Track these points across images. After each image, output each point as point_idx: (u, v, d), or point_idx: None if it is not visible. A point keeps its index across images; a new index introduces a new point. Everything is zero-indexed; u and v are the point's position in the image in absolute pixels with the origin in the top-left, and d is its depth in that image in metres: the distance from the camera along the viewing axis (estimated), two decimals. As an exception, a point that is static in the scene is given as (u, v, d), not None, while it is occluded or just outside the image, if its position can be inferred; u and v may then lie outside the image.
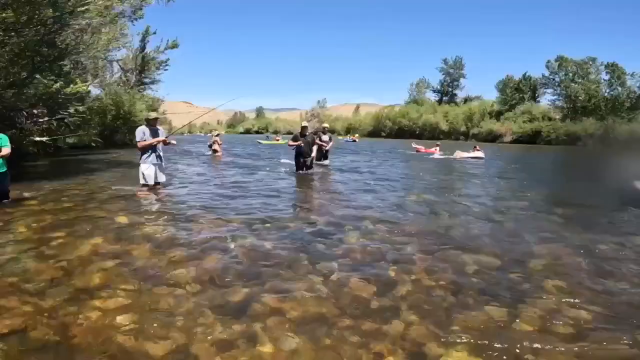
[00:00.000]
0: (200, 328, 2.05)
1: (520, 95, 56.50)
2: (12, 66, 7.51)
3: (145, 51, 27.24)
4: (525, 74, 58.31)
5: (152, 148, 6.00)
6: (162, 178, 6.37)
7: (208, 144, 17.26)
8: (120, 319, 2.12)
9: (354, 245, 3.55)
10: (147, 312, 2.21)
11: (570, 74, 51.64)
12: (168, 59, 28.29)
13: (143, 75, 27.87)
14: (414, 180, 9.03)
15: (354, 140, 44.93)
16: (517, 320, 2.23)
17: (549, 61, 54.12)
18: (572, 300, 2.50)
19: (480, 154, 16.43)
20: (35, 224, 4.09)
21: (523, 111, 52.52)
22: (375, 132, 70.92)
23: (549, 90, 55.52)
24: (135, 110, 22.87)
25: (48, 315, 2.15)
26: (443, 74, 76.20)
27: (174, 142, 6.71)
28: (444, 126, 61.17)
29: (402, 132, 63.62)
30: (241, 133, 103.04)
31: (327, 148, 10.69)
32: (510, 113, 54.03)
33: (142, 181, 6.09)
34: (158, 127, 6.23)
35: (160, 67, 28.46)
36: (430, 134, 60.11)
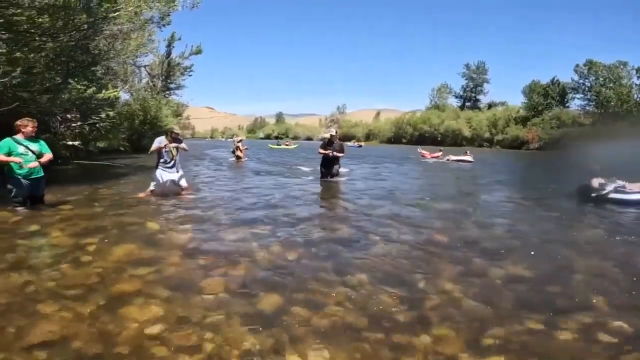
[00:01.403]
0: (230, 339, 2.05)
1: (548, 100, 54.67)
2: (48, 71, 7.68)
3: (170, 57, 27.89)
4: (553, 78, 56.52)
5: (168, 156, 6.17)
6: (184, 183, 6.46)
7: (231, 149, 17.30)
8: (154, 328, 2.12)
9: (381, 255, 3.50)
10: (180, 322, 2.21)
11: (601, 79, 49.87)
12: (192, 65, 28.91)
13: (169, 80, 28.55)
14: (433, 188, 8.91)
15: (359, 146, 44.85)
16: (556, 333, 2.16)
17: (577, 65, 52.47)
18: (613, 313, 2.41)
19: (469, 158, 18.89)
20: (69, 229, 4.15)
21: (551, 117, 50.76)
22: (395, 139, 70.09)
23: (578, 96, 53.65)
24: (161, 116, 23.40)
25: (87, 323, 2.16)
26: (465, 79, 74.83)
27: (185, 147, 6.77)
28: (466, 132, 59.86)
29: (424, 139, 62.53)
30: (261, 138, 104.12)
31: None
32: (537, 119, 52.32)
33: (150, 188, 6.25)
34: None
35: (185, 73, 29.08)
36: (452, 140, 58.93)
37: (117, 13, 8.29)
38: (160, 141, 6.21)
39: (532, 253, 3.72)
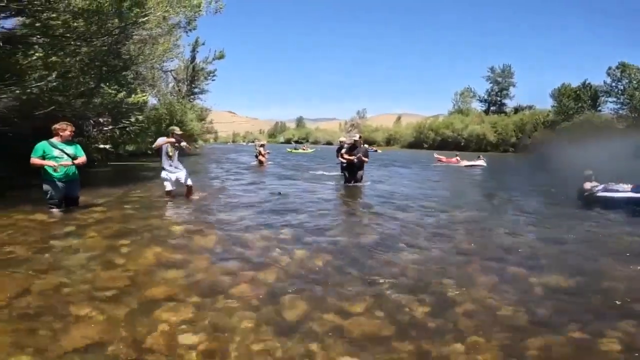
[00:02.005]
0: (259, 346, 2.04)
1: (580, 104, 52.52)
2: (83, 75, 7.91)
3: (195, 62, 28.49)
4: (585, 81, 54.30)
5: (169, 157, 6.30)
6: (189, 182, 6.57)
7: (254, 154, 17.39)
8: (185, 334, 2.12)
9: (408, 263, 3.44)
10: (209, 328, 2.20)
11: (634, 82, 47.76)
12: (215, 70, 29.43)
13: (193, 85, 29.17)
14: (455, 194, 8.70)
15: (375, 150, 44.61)
16: (600, 343, 2.09)
17: (610, 68, 50.25)
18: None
19: (482, 162, 19.24)
20: (103, 231, 4.23)
21: (583, 121, 48.69)
22: (416, 144, 69.00)
23: (611, 99, 51.29)
24: (186, 120, 23.89)
25: (120, 327, 2.15)
26: (490, 83, 72.96)
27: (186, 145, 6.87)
28: (491, 137, 58.19)
29: (446, 144, 61.20)
30: (281, 143, 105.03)
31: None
32: (568, 123, 50.30)
33: (164, 189, 6.42)
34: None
35: (208, 77, 29.65)
36: (476, 145, 57.43)
37: (146, 18, 8.47)
38: (163, 140, 6.31)
39: (569, 260, 3.62)
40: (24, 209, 5.11)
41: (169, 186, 6.35)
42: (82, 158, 5.12)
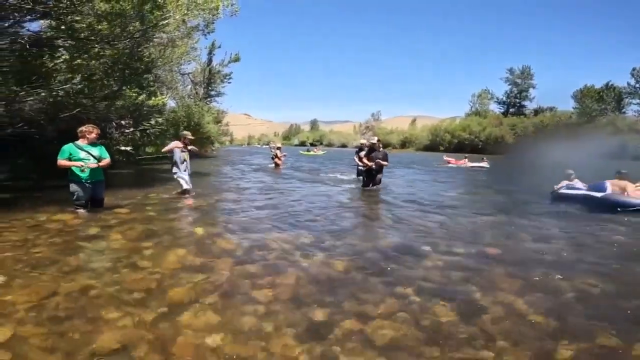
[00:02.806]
0: (282, 350, 2.04)
1: (603, 106, 50.86)
2: (107, 78, 8.05)
3: (211, 64, 28.81)
4: (608, 83, 52.58)
5: (180, 160, 6.65)
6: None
7: (271, 156, 17.41)
8: (209, 338, 2.12)
9: (432, 267, 3.39)
10: (233, 332, 2.21)
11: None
12: (231, 72, 29.68)
13: (209, 88, 29.48)
14: (473, 197, 8.53)
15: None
16: (634, 350, 2.04)
17: (634, 69, 48.49)
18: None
19: (485, 164, 20.10)
20: (127, 233, 4.28)
21: (606, 123, 47.13)
22: (432, 146, 67.97)
23: (635, 101, 49.49)
24: (203, 122, 24.11)
25: (147, 330, 2.16)
26: (509, 85, 71.34)
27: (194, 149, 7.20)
28: (510, 139, 56.83)
29: (463, 146, 60.00)
30: (296, 145, 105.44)
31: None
32: (590, 125, 48.75)
33: (182, 187, 6.67)
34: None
35: (224, 80, 29.93)
36: (494, 147, 56.13)
37: (166, 21, 8.57)
38: (175, 144, 6.67)
39: (598, 264, 3.51)
40: (50, 209, 5.23)
41: (185, 184, 6.61)
42: (106, 160, 5.23)
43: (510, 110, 69.88)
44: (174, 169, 6.69)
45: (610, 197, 6.46)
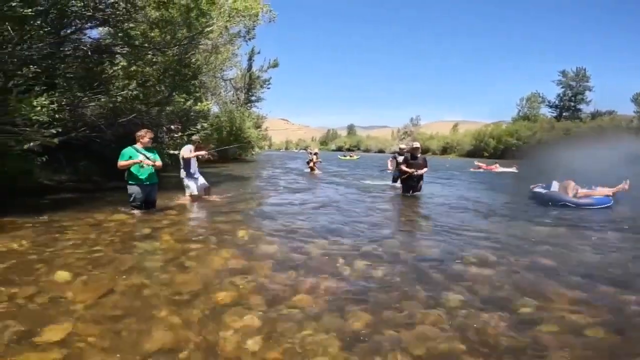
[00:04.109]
0: (321, 357, 2.03)
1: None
2: (159, 85, 8.49)
3: (251, 70, 29.63)
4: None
5: (194, 165, 6.88)
6: (206, 183, 7.13)
7: (307, 160, 17.47)
8: (251, 342, 2.13)
9: (477, 277, 3.26)
10: (274, 336, 2.21)
11: None
12: (270, 78, 30.36)
13: (250, 93, 30.31)
14: (518, 204, 7.97)
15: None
16: None
17: None
18: None
19: (514, 169, 20.88)
20: (176, 234, 4.46)
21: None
22: (475, 152, 65.01)
23: None
24: (244, 127, 24.77)
25: (193, 331, 2.22)
26: (562, 87, 66.69)
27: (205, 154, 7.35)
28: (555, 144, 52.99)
29: (510, 152, 56.82)
30: (333, 150, 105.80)
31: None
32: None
33: (190, 193, 6.75)
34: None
35: (264, 85, 30.66)
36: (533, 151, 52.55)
37: (210, 28, 8.88)
38: (190, 149, 6.81)
39: None
40: (109, 209, 5.61)
41: (195, 190, 6.78)
42: (159, 162, 5.53)
43: (564, 114, 65.23)
44: (183, 174, 6.79)
45: (547, 194, 7.64)
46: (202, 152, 6.99)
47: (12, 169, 6.07)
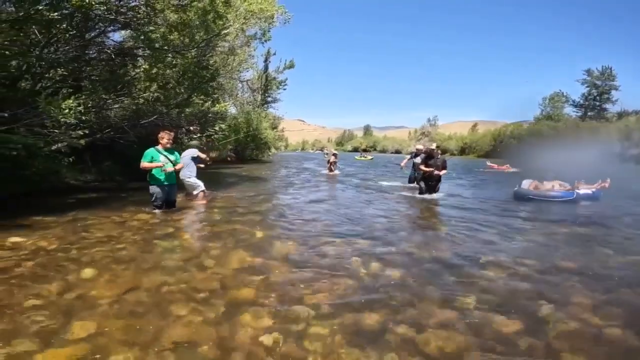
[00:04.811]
0: (335, 353, 2.06)
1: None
2: (178, 87, 8.67)
3: (267, 71, 29.86)
4: None
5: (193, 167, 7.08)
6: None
7: (326, 160, 17.45)
8: (266, 339, 2.18)
9: (494, 280, 3.23)
10: (289, 334, 2.23)
11: None
12: (286, 79, 30.52)
13: (266, 94, 30.57)
14: (537, 206, 7.75)
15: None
16: None
17: None
18: None
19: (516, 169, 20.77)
20: (195, 233, 4.59)
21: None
22: (495, 153, 63.45)
23: None
24: (261, 128, 24.98)
25: (211, 327, 2.28)
26: (587, 87, 64.32)
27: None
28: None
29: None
30: (349, 151, 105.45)
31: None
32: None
33: (201, 189, 6.95)
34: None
35: (280, 87, 30.86)
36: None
37: (227, 30, 8.99)
38: (197, 152, 7.11)
39: None
40: (131, 209, 5.80)
41: (202, 185, 6.98)
42: (179, 164, 5.70)
43: (589, 113, 62.95)
44: (189, 173, 6.93)
45: (516, 191, 8.66)
46: (204, 155, 7.34)
47: (41, 169, 6.32)
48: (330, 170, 15.60)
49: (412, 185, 10.18)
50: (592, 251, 4.25)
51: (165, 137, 5.51)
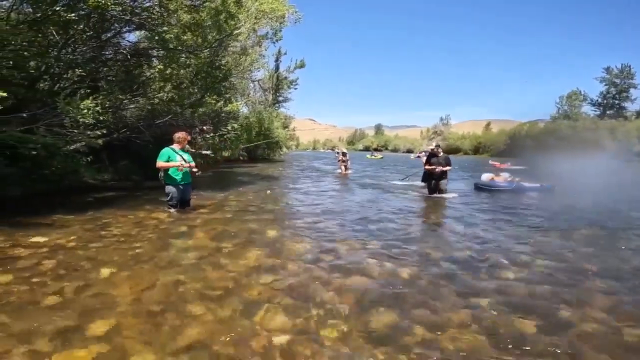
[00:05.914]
0: (349, 353, 2.05)
1: None
2: (192, 87, 8.74)
3: (278, 71, 29.95)
4: None
5: None
6: None
7: (338, 159, 17.39)
8: (279, 339, 2.17)
9: (511, 280, 3.20)
10: (302, 335, 2.22)
11: None
12: (297, 78, 30.55)
13: (277, 94, 30.67)
14: (553, 204, 7.62)
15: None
16: None
17: None
18: None
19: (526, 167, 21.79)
20: (209, 232, 4.60)
21: None
22: (510, 152, 62.25)
23: None
24: (272, 127, 25.06)
25: (225, 327, 2.29)
26: (605, 85, 62.60)
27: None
28: (608, 145, 49.66)
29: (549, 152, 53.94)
30: (360, 150, 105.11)
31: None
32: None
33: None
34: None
35: (291, 86, 30.92)
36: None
37: (239, 30, 9.01)
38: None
39: None
40: (148, 208, 5.88)
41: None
42: (193, 164, 5.71)
43: (608, 112, 61.25)
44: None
45: (475, 183, 10.47)
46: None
47: (60, 168, 6.44)
48: (345, 169, 15.58)
49: (424, 184, 10.15)
50: (611, 251, 4.15)
51: (181, 137, 5.56)
